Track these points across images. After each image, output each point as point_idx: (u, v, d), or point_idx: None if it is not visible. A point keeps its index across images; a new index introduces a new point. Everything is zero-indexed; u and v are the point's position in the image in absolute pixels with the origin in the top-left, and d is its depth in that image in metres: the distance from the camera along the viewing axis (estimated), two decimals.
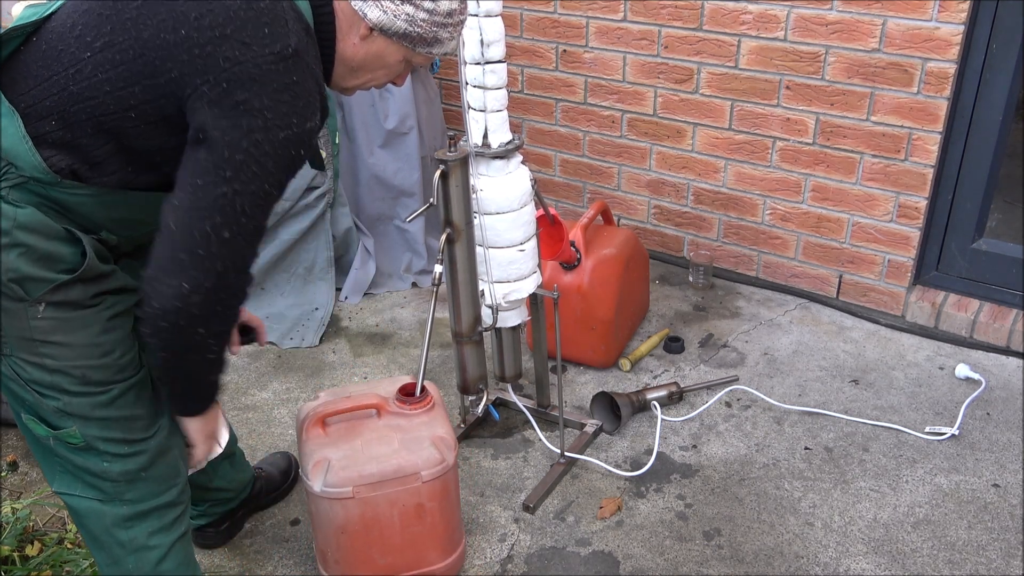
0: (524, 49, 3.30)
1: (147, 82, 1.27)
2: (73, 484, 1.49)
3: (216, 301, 1.30)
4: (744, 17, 2.82)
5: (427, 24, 1.39)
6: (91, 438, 1.43)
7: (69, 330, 1.37)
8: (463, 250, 1.93)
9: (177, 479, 1.55)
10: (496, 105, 1.95)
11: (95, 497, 1.49)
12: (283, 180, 1.32)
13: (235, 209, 1.26)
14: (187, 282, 1.26)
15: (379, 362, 2.77)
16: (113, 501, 1.49)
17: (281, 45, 1.26)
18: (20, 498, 2.16)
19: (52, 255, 1.32)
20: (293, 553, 2.04)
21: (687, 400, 2.53)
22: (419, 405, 1.84)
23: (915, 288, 2.93)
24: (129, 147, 1.32)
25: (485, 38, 1.87)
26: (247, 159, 1.25)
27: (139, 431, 1.47)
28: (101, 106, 1.28)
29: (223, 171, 1.24)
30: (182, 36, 1.25)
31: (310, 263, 3.00)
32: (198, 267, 1.26)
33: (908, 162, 2.73)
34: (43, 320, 1.34)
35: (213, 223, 1.25)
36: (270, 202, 1.31)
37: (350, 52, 1.41)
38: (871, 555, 2.00)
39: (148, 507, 1.51)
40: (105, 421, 1.43)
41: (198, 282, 1.26)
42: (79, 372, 1.39)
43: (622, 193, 3.34)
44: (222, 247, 1.27)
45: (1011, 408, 2.48)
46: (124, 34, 1.27)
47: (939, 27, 2.52)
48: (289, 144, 1.28)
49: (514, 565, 2.00)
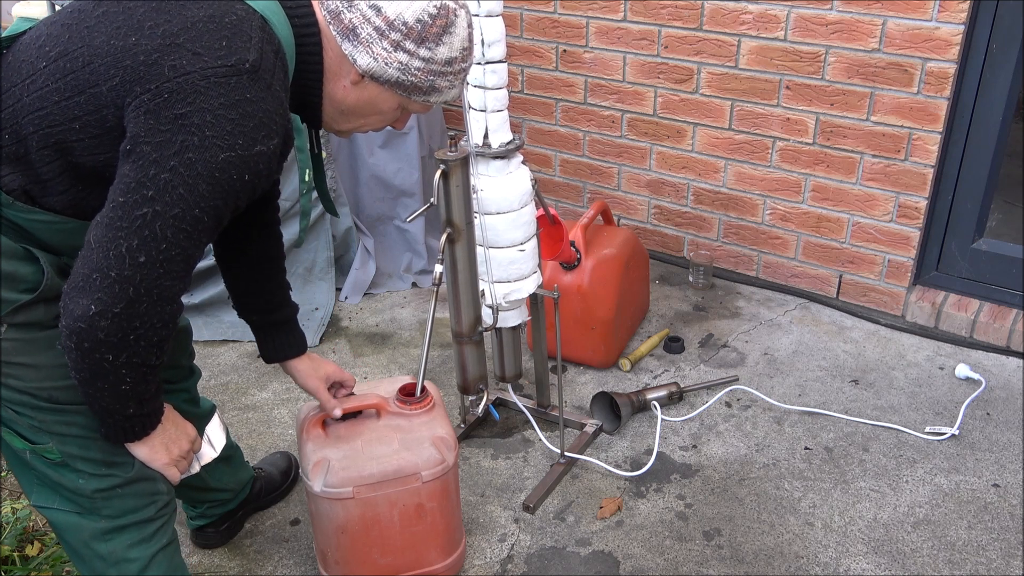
0: (524, 49, 3.30)
1: (91, 91, 1.20)
2: (51, 497, 1.46)
3: (127, 329, 1.20)
4: (744, 17, 2.82)
5: (422, 73, 1.32)
6: (68, 456, 1.39)
7: (33, 351, 1.32)
8: (463, 250, 1.93)
9: (156, 496, 1.49)
10: (496, 105, 1.95)
11: (72, 510, 1.45)
12: (220, 207, 1.21)
13: (154, 233, 1.16)
14: (94, 304, 1.17)
15: (379, 362, 2.77)
16: (91, 514, 1.45)
17: (237, 59, 1.18)
18: (20, 498, 2.16)
19: (10, 275, 1.28)
20: (293, 553, 2.04)
21: (687, 400, 2.53)
22: (419, 405, 1.84)
23: (915, 288, 2.93)
24: (77, 164, 1.25)
25: (485, 38, 1.87)
26: (173, 179, 1.15)
27: (120, 452, 1.41)
28: (47, 118, 1.22)
29: (146, 189, 1.15)
30: (131, 43, 1.18)
31: (310, 263, 3.00)
32: (107, 290, 1.17)
33: (908, 162, 2.73)
34: (5, 341, 1.30)
35: (128, 245, 1.16)
36: (200, 229, 1.20)
37: (340, 95, 1.36)
38: (871, 555, 2.00)
39: (125, 522, 1.47)
40: (83, 440, 1.39)
41: (106, 305, 1.17)
42: (46, 393, 1.34)
43: (622, 193, 3.34)
44: (136, 271, 1.17)
45: (1011, 408, 2.48)
46: (78, 42, 1.22)
47: (939, 27, 2.52)
48: (230, 167, 1.18)
49: (514, 565, 2.00)
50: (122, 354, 1.22)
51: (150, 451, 1.42)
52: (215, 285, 2.88)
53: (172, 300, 1.23)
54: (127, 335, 1.20)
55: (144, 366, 1.26)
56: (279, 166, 1.32)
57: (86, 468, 1.40)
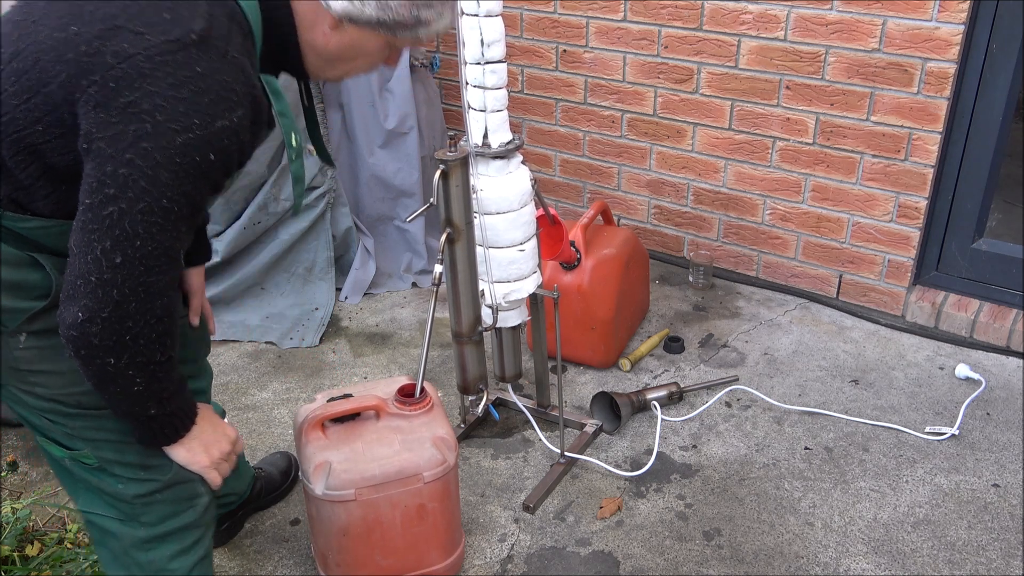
0: (524, 49, 3.30)
1: (44, 91, 1.14)
2: (95, 502, 1.43)
3: (120, 331, 1.16)
4: (744, 17, 2.82)
5: (404, 8, 1.23)
6: (104, 461, 1.37)
7: (55, 357, 1.29)
8: (463, 250, 1.93)
9: (196, 499, 1.46)
10: (496, 105, 1.95)
11: (115, 516, 1.43)
12: (190, 191, 1.14)
13: (125, 231, 1.11)
14: (82, 311, 1.13)
15: (379, 362, 2.77)
16: (132, 521, 1.43)
17: (181, 31, 1.11)
18: (20, 498, 2.16)
19: (21, 283, 1.25)
20: (293, 553, 2.04)
21: (687, 400, 2.53)
22: (419, 406, 1.84)
23: (915, 288, 2.93)
24: (52, 166, 1.19)
25: (485, 38, 1.87)
26: (132, 172, 1.09)
27: (156, 454, 1.37)
28: (13, 123, 1.17)
29: (107, 188, 1.10)
30: (72, 33, 1.11)
31: (310, 263, 3.01)
32: (91, 295, 1.13)
33: (908, 162, 2.73)
34: (25, 350, 1.28)
35: (103, 247, 1.11)
36: (173, 219, 1.14)
37: (321, 43, 1.28)
38: (871, 555, 2.00)
39: (166, 529, 1.44)
40: (117, 444, 1.36)
41: (93, 312, 1.13)
42: (73, 399, 1.32)
43: (622, 193, 3.34)
44: (116, 273, 1.12)
45: (1011, 408, 2.48)
46: (27, 39, 1.16)
47: (939, 27, 2.52)
48: (191, 149, 1.11)
49: (514, 565, 2.00)
50: (123, 356, 1.18)
51: (188, 453, 1.38)
52: (215, 285, 2.88)
53: (161, 294, 1.18)
54: (122, 336, 1.16)
55: (151, 364, 1.21)
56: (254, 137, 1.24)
57: (123, 472, 1.38)
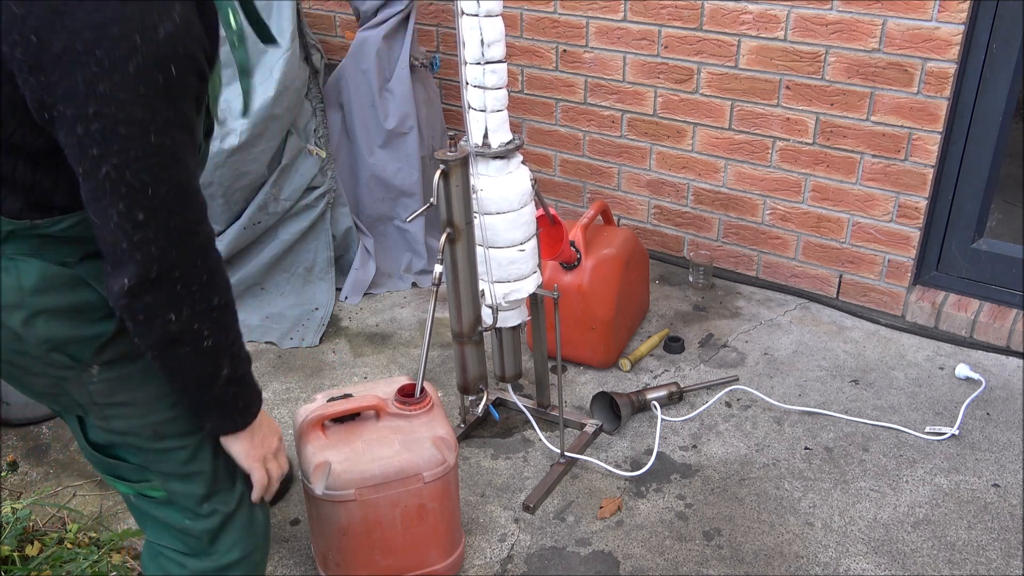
0: (524, 49, 3.30)
1: None
2: (163, 535, 1.37)
3: (172, 283, 1.09)
4: (744, 17, 2.82)
5: None
6: (173, 494, 1.31)
7: (131, 387, 1.23)
8: (463, 250, 1.93)
9: (255, 525, 1.41)
10: (496, 105, 1.95)
11: (182, 550, 1.37)
12: (172, 116, 1.03)
13: (131, 185, 1.02)
14: (129, 279, 1.06)
15: (379, 362, 2.77)
16: (199, 556, 1.37)
17: None
18: (20, 498, 2.16)
19: (80, 305, 1.17)
20: (293, 553, 2.04)
21: (687, 400, 2.53)
22: (418, 406, 1.84)
23: (915, 288, 2.93)
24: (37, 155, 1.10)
25: (485, 38, 1.87)
26: (105, 124, 0.99)
27: (223, 484, 1.32)
28: None
29: (90, 149, 1.01)
30: None
31: (310, 263, 3.01)
32: (133, 261, 1.06)
33: (908, 162, 2.73)
34: (100, 383, 1.21)
35: (118, 210, 1.03)
36: (172, 150, 1.04)
37: None
38: (871, 555, 2.00)
39: (231, 559, 1.38)
40: (184, 478, 1.30)
41: (140, 276, 1.06)
42: (150, 429, 1.25)
43: (622, 193, 3.34)
44: (144, 231, 1.05)
45: (1011, 408, 2.48)
46: None
47: (939, 27, 2.52)
48: (149, 72, 0.99)
49: (514, 565, 2.00)
50: (183, 308, 1.11)
51: (249, 442, 1.29)
52: None
53: (195, 231, 1.10)
54: (173, 288, 1.09)
55: (212, 311, 1.14)
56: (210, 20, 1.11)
57: (190, 505, 1.32)
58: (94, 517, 2.13)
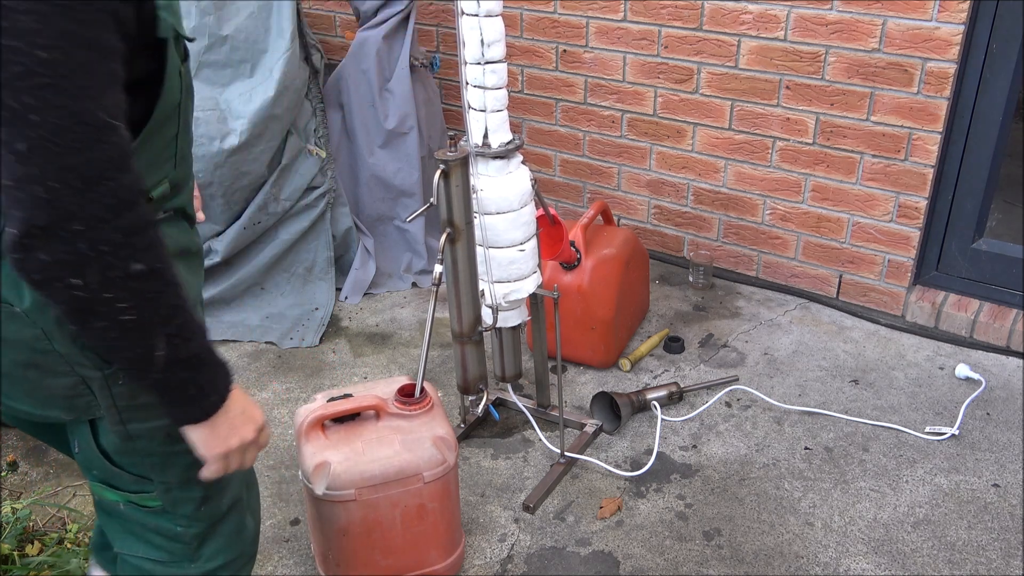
0: (524, 49, 3.30)
1: None
2: (136, 546, 1.33)
3: (70, 240, 0.92)
4: (744, 17, 2.82)
5: None
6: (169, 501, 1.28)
7: None
8: (463, 250, 1.93)
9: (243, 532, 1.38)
10: (496, 105, 1.95)
11: (160, 559, 1.33)
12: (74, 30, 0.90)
13: (10, 108, 0.89)
14: (15, 226, 0.91)
15: (379, 362, 2.77)
16: (181, 563, 1.33)
17: None
18: (20, 498, 2.16)
19: None
20: (293, 553, 2.04)
21: (687, 400, 2.53)
22: (418, 406, 1.84)
23: (915, 288, 2.93)
24: None
25: (485, 38, 1.87)
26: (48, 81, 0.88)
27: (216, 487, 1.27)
28: None
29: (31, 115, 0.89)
30: None
31: (310, 263, 3.01)
32: (18, 203, 0.91)
33: (908, 162, 2.73)
34: (124, 385, 1.17)
35: None
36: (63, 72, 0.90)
37: None
38: (871, 555, 2.00)
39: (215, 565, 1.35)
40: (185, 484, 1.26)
41: (27, 222, 0.91)
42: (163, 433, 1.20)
43: (622, 193, 3.34)
44: (27, 166, 0.90)
45: (1011, 408, 2.48)
46: None
47: (939, 27, 2.52)
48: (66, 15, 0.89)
49: (514, 565, 2.00)
50: (88, 270, 0.94)
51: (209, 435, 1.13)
52: (214, 285, 2.88)
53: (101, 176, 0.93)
54: (74, 244, 0.92)
55: (130, 277, 0.97)
56: None
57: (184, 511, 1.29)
58: (94, 517, 2.13)
